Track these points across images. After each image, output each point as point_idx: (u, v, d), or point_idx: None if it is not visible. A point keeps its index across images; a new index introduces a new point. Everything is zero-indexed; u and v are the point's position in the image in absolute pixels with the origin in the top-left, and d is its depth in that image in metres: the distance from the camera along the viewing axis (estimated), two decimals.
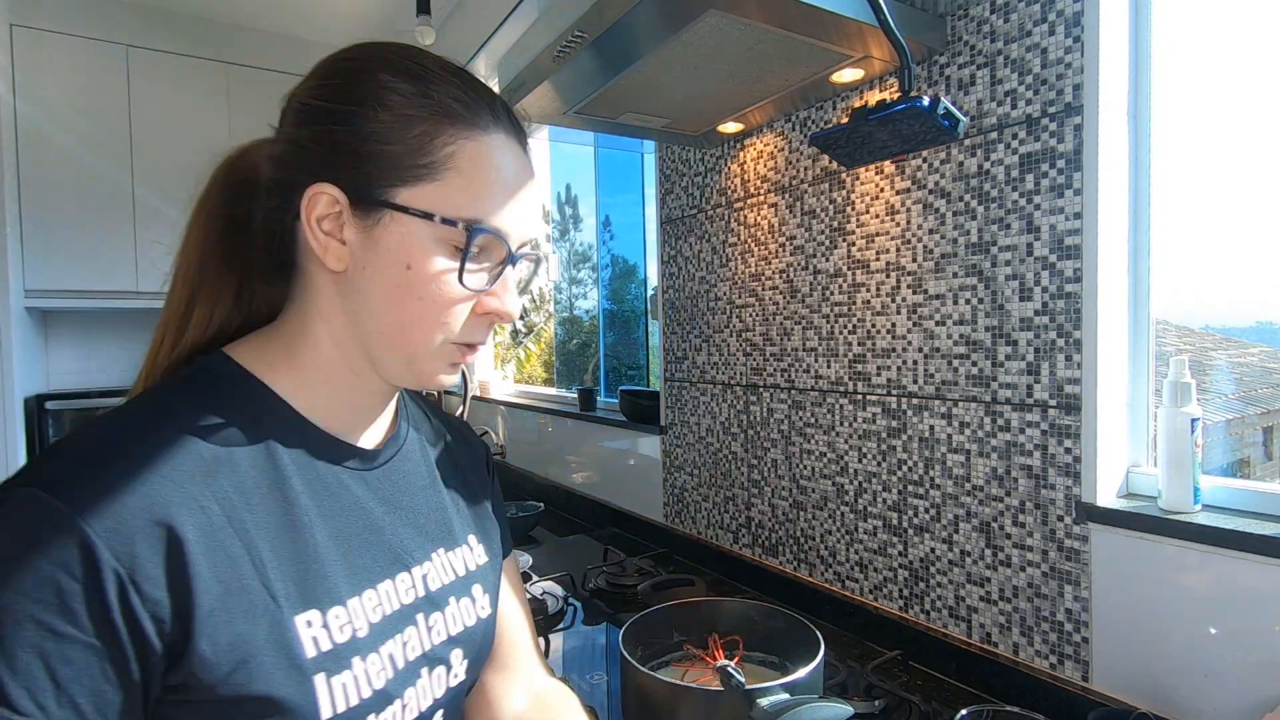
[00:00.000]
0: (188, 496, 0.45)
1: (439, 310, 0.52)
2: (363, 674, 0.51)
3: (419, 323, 0.52)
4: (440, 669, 0.58)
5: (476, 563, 0.65)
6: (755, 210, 1.46)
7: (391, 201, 0.51)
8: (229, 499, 0.47)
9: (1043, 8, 0.96)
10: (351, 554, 0.54)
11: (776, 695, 0.82)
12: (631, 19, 0.95)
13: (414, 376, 0.56)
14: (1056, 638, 0.98)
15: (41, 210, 2.41)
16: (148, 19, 2.54)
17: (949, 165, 1.09)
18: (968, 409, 1.08)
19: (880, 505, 1.22)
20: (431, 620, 0.58)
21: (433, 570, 0.60)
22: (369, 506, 0.57)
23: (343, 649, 0.50)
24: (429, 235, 0.51)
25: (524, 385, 3.08)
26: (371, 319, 0.53)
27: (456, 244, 0.52)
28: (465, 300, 0.53)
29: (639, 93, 1.21)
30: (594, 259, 3.09)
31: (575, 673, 1.14)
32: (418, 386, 0.58)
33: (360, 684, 0.50)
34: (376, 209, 0.51)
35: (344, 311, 0.54)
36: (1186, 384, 0.89)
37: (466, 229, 0.51)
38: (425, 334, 0.53)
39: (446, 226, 0.51)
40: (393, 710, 0.52)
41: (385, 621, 0.54)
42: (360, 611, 0.52)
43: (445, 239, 0.51)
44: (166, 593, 0.43)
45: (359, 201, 0.51)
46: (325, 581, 0.51)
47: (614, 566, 1.53)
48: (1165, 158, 0.95)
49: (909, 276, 1.15)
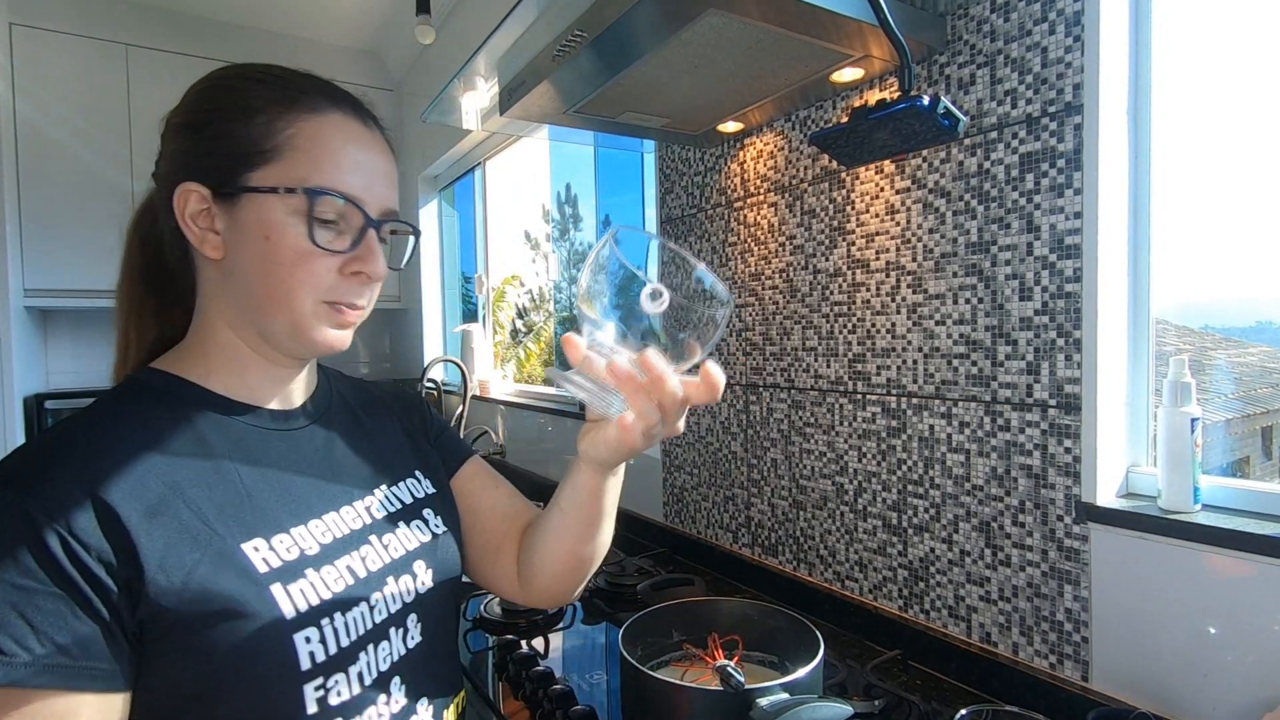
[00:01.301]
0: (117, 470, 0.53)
1: (301, 271, 0.59)
2: (319, 581, 0.58)
3: (287, 286, 0.59)
4: (406, 577, 0.65)
5: (425, 492, 0.74)
6: (755, 210, 1.46)
7: (245, 185, 0.58)
8: (157, 465, 0.55)
9: (1043, 7, 0.96)
10: (288, 494, 0.61)
11: (776, 695, 0.82)
12: (631, 18, 0.95)
13: (301, 342, 0.62)
14: (1056, 637, 0.98)
15: (41, 209, 2.41)
16: (147, 18, 2.54)
17: (949, 165, 1.09)
18: (967, 409, 1.08)
19: (880, 505, 1.22)
20: (385, 540, 0.65)
21: (375, 503, 0.68)
22: (298, 457, 0.65)
23: (293, 564, 0.57)
24: (280, 208, 0.58)
25: (524, 384, 3.08)
26: (250, 294, 0.60)
27: (306, 210, 0.58)
28: (323, 258, 0.59)
29: (638, 92, 1.20)
30: None
31: (575, 672, 1.14)
32: (311, 351, 0.64)
33: (318, 588, 0.58)
34: (235, 195, 0.59)
35: (229, 295, 0.62)
36: (1186, 383, 0.89)
37: (306, 192, 0.58)
38: (295, 296, 0.59)
39: (290, 195, 0.58)
40: (360, 610, 0.60)
41: (336, 543, 0.62)
42: (306, 536, 0.60)
43: (296, 209, 0.58)
44: (105, 541, 0.50)
45: (220, 192, 0.59)
46: (263, 515, 0.58)
47: (613, 566, 1.53)
48: (1165, 157, 0.95)
49: (909, 276, 1.15)
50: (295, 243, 0.58)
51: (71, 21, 2.43)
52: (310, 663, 0.55)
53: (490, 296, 3.15)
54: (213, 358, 0.63)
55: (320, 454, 0.67)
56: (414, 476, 0.74)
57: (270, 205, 0.58)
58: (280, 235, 0.58)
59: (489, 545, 0.80)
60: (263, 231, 0.58)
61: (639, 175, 2.10)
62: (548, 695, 1.00)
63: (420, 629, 0.66)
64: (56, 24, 2.41)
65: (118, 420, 0.58)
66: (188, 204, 0.59)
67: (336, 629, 0.58)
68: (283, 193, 0.58)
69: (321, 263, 0.59)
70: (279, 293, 0.59)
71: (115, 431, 0.56)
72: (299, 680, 0.55)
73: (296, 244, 0.58)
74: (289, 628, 0.55)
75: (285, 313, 0.60)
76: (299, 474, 0.64)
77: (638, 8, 0.92)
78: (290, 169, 0.58)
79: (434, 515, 0.72)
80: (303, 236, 0.58)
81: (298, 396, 0.69)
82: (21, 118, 2.36)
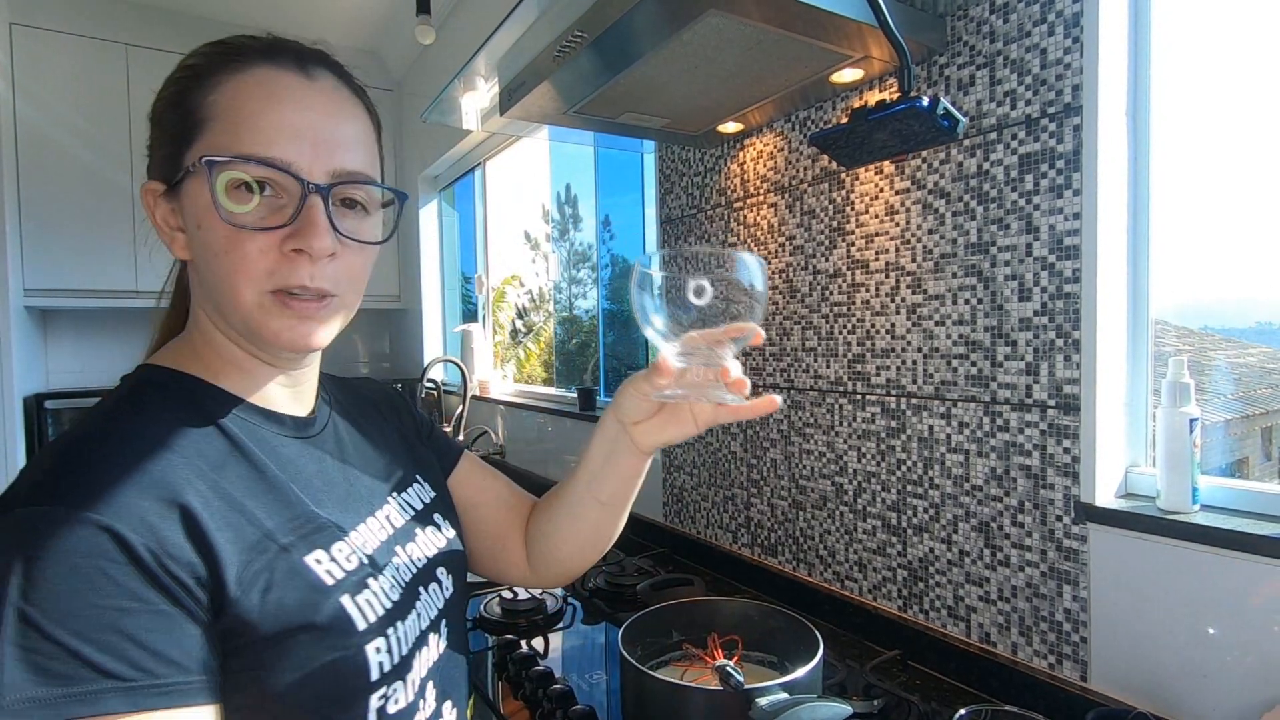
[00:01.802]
0: (180, 478, 0.49)
1: (233, 259, 0.51)
2: (380, 591, 0.56)
3: (229, 278, 0.52)
4: (434, 584, 0.65)
5: (429, 496, 0.72)
6: (755, 210, 1.46)
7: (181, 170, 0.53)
8: (206, 474, 0.51)
9: (1042, 8, 0.97)
10: (329, 503, 0.59)
11: (775, 695, 0.82)
12: (631, 19, 0.95)
13: (262, 339, 0.55)
14: (1055, 637, 0.99)
15: (41, 209, 2.41)
16: (148, 18, 2.54)
17: (948, 165, 1.09)
18: (967, 409, 1.08)
19: (879, 505, 1.22)
20: (409, 548, 0.64)
21: (393, 510, 0.66)
22: (324, 466, 0.62)
23: (356, 574, 0.55)
24: (203, 187, 0.51)
25: (523, 385, 3.08)
26: (210, 291, 0.55)
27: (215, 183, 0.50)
28: (251, 239, 0.51)
29: (639, 92, 1.21)
30: (593, 259, 3.09)
31: (575, 672, 1.14)
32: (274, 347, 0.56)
33: (381, 598, 0.56)
34: (179, 186, 0.54)
35: (203, 294, 0.58)
36: (1185, 384, 0.89)
37: (206, 163, 0.50)
38: (238, 289, 0.52)
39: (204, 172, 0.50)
40: (412, 619, 0.59)
41: (378, 552, 0.60)
42: (357, 544, 0.58)
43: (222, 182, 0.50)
44: (196, 555, 0.47)
45: (170, 189, 0.54)
46: (317, 525, 0.56)
47: (613, 566, 1.53)
48: (1164, 158, 0.95)
49: (908, 276, 1.16)
50: (218, 225, 0.51)
51: (71, 21, 2.43)
52: (379, 673, 0.54)
53: (490, 297, 3.16)
54: (213, 359, 0.59)
55: (338, 462, 0.64)
56: (416, 481, 0.73)
57: (195, 188, 0.52)
58: (207, 220, 0.51)
59: (496, 536, 0.81)
60: (195, 219, 0.52)
61: (639, 175, 2.10)
62: (547, 695, 1.00)
63: (448, 633, 0.65)
64: (57, 24, 2.41)
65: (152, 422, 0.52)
66: (156, 207, 0.56)
67: (400, 638, 0.57)
68: (194, 169, 0.51)
69: (251, 244, 0.51)
70: (225, 286, 0.53)
71: (157, 435, 0.51)
72: (367, 691, 0.53)
73: (219, 226, 0.51)
74: (361, 639, 0.53)
75: (234, 310, 0.53)
76: (330, 483, 0.61)
77: (638, 8, 0.92)
78: (214, 142, 0.51)
79: (442, 519, 0.71)
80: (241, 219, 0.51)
81: (309, 400, 0.65)
82: (21, 117, 2.36)
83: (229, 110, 0.52)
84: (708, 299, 0.54)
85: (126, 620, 0.43)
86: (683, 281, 0.54)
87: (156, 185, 0.55)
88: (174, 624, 0.45)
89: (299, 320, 0.54)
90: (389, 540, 0.62)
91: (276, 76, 0.54)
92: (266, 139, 0.51)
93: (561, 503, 0.77)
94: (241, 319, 0.54)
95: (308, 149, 0.53)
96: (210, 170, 0.50)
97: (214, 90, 0.52)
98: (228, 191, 0.51)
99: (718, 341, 0.56)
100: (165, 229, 0.56)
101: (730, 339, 0.56)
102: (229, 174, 0.50)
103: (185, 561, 0.46)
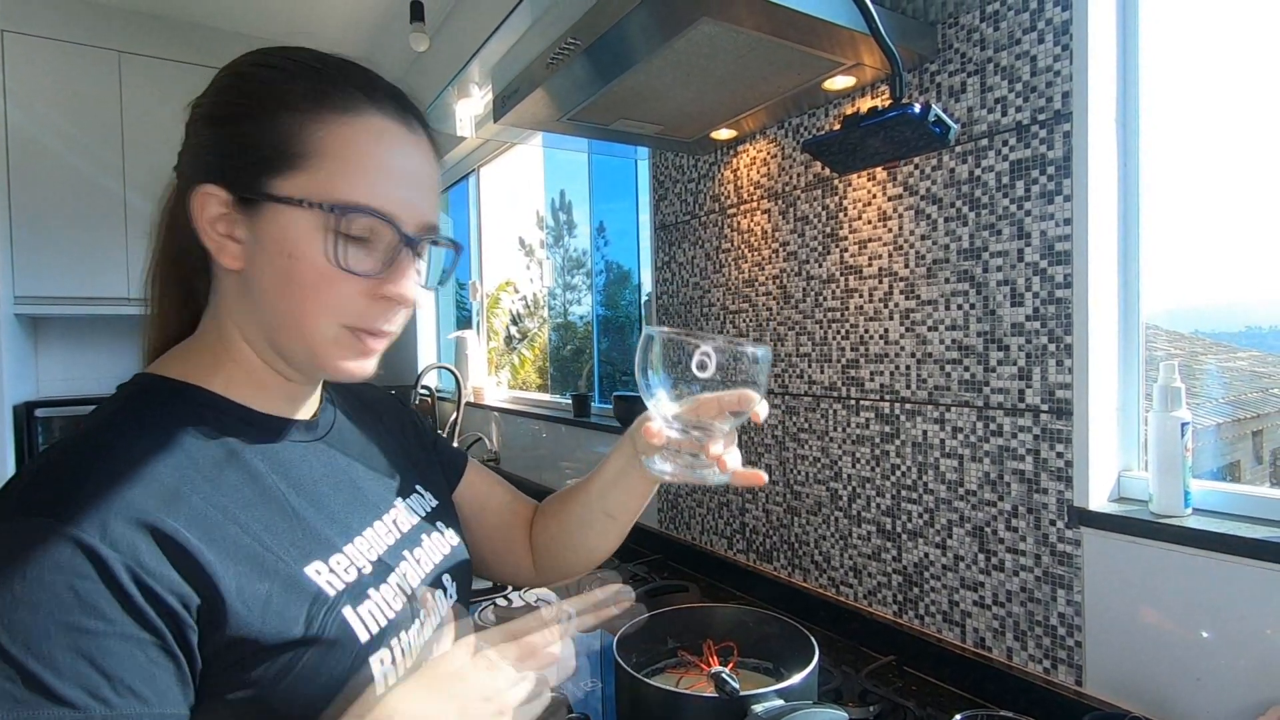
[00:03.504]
0: (172, 494, 0.48)
1: (322, 295, 0.53)
2: (382, 601, 0.56)
3: (307, 309, 0.54)
4: (440, 590, 0.64)
5: (433, 503, 0.72)
6: (748, 216, 1.46)
7: (268, 193, 0.52)
8: (200, 488, 0.51)
9: (1032, 16, 0.97)
10: (329, 512, 0.58)
11: (771, 702, 0.82)
12: (624, 26, 0.96)
13: (320, 367, 0.57)
14: (1050, 642, 0.99)
15: (32, 216, 2.39)
16: (139, 25, 2.53)
17: (940, 171, 1.10)
18: (960, 414, 1.08)
19: (874, 510, 1.22)
20: (416, 554, 0.64)
21: (399, 516, 0.65)
22: (328, 472, 0.61)
23: (356, 585, 0.55)
24: (306, 222, 0.52)
25: (518, 391, 3.08)
26: (268, 312, 0.55)
27: (333, 228, 0.52)
28: (348, 282, 0.54)
29: (632, 99, 1.21)
30: (588, 265, 3.09)
31: (569, 680, 1.14)
32: (330, 376, 0.58)
33: (383, 608, 0.56)
34: (257, 203, 0.53)
35: (247, 309, 0.56)
36: (1177, 388, 0.90)
37: (333, 209, 0.52)
38: (314, 320, 0.54)
39: (317, 211, 0.52)
40: (415, 626, 0.58)
41: (381, 560, 0.59)
42: (358, 555, 0.57)
43: (322, 225, 0.52)
44: (175, 572, 0.45)
45: (241, 198, 0.53)
46: (315, 536, 0.55)
47: (608, 572, 1.53)
48: (1154, 164, 0.96)
49: (901, 282, 1.16)
50: (320, 264, 0.52)
51: (63, 28, 2.43)
52: (384, 684, 0.53)
53: (484, 303, 3.15)
54: (227, 367, 0.58)
55: (343, 468, 0.64)
56: (417, 489, 0.72)
57: (294, 218, 0.52)
58: (304, 253, 0.52)
59: (503, 539, 0.84)
60: (285, 248, 0.53)
61: (633, 182, 2.11)
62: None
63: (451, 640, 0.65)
64: (48, 31, 2.40)
65: (146, 435, 0.51)
66: (206, 208, 0.54)
67: (403, 648, 0.56)
68: (308, 206, 0.52)
69: (347, 285, 0.54)
70: (297, 315, 0.54)
71: (148, 449, 0.50)
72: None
73: (320, 264, 0.52)
74: (364, 652, 0.53)
75: (302, 338, 0.55)
76: (334, 490, 0.60)
77: (631, 16, 0.92)
78: (318, 179, 0.52)
79: (445, 526, 0.71)
80: (327, 257, 0.52)
81: (313, 407, 0.65)
82: (12, 124, 2.35)
83: (340, 155, 0.53)
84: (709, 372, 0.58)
85: (88, 642, 0.41)
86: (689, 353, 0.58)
87: (218, 191, 0.53)
88: (142, 650, 0.43)
89: (365, 356, 0.57)
90: (396, 545, 0.62)
91: (386, 127, 0.55)
92: (378, 192, 0.53)
93: (571, 511, 0.81)
94: (304, 346, 0.55)
95: (406, 202, 0.55)
96: (332, 216, 0.52)
97: (322, 128, 0.53)
98: (339, 237, 0.52)
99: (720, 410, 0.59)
100: (213, 234, 0.54)
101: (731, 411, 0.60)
102: (348, 224, 0.52)
103: (169, 583, 0.45)
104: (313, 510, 0.57)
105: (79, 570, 0.42)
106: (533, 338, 3.74)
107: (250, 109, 0.54)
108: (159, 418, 0.53)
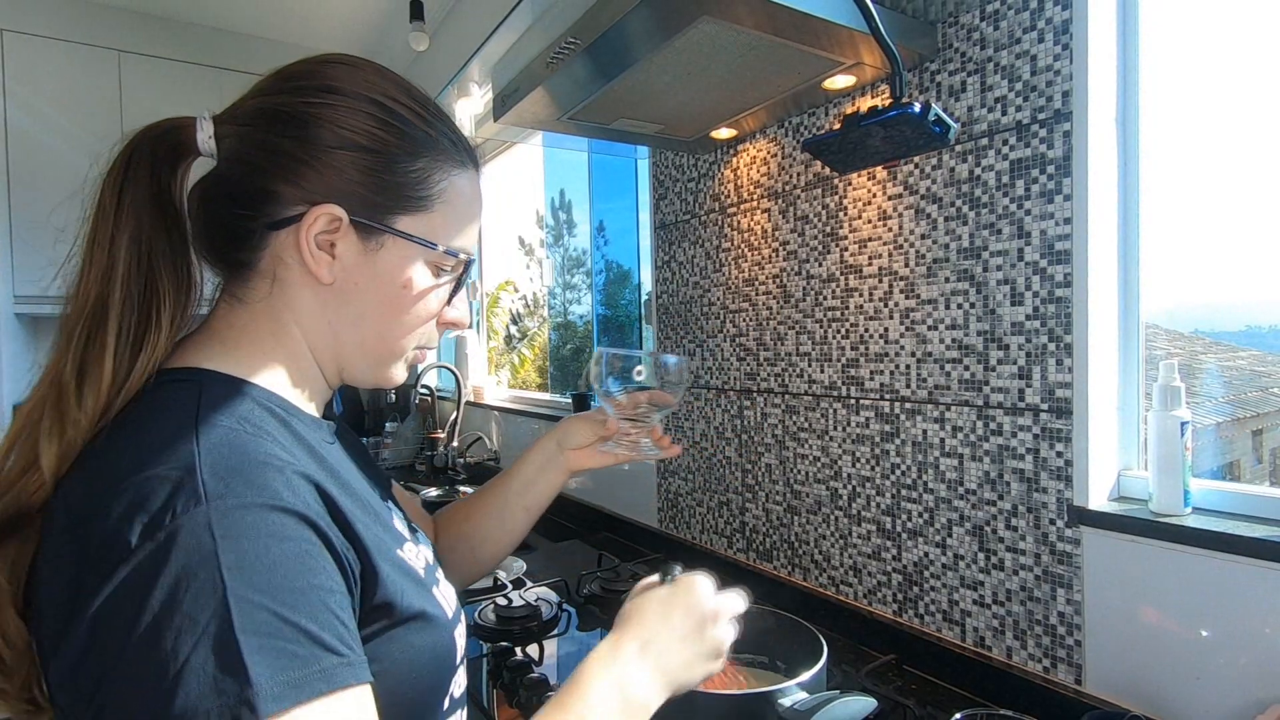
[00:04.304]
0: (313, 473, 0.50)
1: (419, 324, 0.60)
2: (446, 585, 0.63)
3: (400, 334, 0.60)
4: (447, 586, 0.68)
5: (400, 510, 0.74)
6: (748, 215, 1.46)
7: (394, 228, 0.57)
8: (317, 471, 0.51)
9: (1032, 16, 0.97)
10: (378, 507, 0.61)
11: (796, 695, 0.82)
12: (625, 26, 0.96)
13: (376, 378, 0.62)
14: (1050, 641, 0.99)
15: (31, 216, 2.39)
16: (140, 24, 2.53)
17: (940, 171, 1.10)
18: (960, 413, 1.08)
19: (874, 510, 1.22)
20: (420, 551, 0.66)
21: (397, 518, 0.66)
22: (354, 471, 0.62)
23: (429, 569, 0.61)
24: (423, 259, 0.59)
25: (518, 390, 3.08)
26: (356, 329, 0.59)
27: (439, 265, 0.60)
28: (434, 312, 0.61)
29: (632, 98, 1.21)
30: (588, 264, 3.09)
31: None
32: (375, 385, 0.64)
33: (450, 592, 0.63)
34: (378, 233, 0.56)
35: (324, 320, 0.58)
36: (1176, 388, 0.90)
37: (448, 253, 0.59)
38: (405, 343, 0.61)
39: (440, 254, 0.59)
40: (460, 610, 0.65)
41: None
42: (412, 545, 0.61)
43: (433, 262, 0.59)
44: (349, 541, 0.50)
45: (361, 224, 0.56)
46: (386, 525, 0.58)
47: (608, 572, 1.53)
48: (1154, 163, 0.96)
49: (901, 281, 1.16)
50: (427, 297, 0.59)
51: (63, 27, 2.42)
52: (460, 657, 0.60)
53: (484, 302, 3.15)
54: (281, 371, 0.57)
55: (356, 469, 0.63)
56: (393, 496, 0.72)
57: (414, 255, 0.58)
58: (417, 287, 0.58)
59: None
60: (402, 279, 0.58)
61: (633, 181, 2.11)
62: (542, 703, 0.99)
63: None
64: (48, 30, 2.40)
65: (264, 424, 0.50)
66: (316, 222, 0.54)
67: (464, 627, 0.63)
68: (441, 251, 0.59)
69: (432, 314, 0.61)
70: (392, 337, 0.60)
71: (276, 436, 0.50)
72: (452, 673, 0.59)
73: (429, 299, 0.60)
74: (450, 626, 0.58)
75: (387, 355, 0.61)
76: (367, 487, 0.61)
77: (631, 15, 0.93)
78: (439, 223, 0.59)
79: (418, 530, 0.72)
80: (435, 294, 0.60)
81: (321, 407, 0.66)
82: (12, 123, 2.35)
83: (453, 203, 0.60)
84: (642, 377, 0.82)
85: (332, 600, 0.45)
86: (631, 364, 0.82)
87: (340, 213, 0.54)
88: (351, 605, 0.48)
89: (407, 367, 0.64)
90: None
91: (474, 179, 0.63)
92: (469, 238, 0.62)
93: (488, 510, 0.87)
94: (376, 359, 0.61)
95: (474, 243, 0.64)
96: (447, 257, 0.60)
97: (446, 176, 0.59)
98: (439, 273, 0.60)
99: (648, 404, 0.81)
100: (312, 248, 0.54)
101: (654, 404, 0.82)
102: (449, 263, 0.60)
103: (345, 547, 0.49)
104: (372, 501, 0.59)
105: (307, 538, 0.45)
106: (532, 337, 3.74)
107: (403, 148, 0.56)
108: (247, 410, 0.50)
